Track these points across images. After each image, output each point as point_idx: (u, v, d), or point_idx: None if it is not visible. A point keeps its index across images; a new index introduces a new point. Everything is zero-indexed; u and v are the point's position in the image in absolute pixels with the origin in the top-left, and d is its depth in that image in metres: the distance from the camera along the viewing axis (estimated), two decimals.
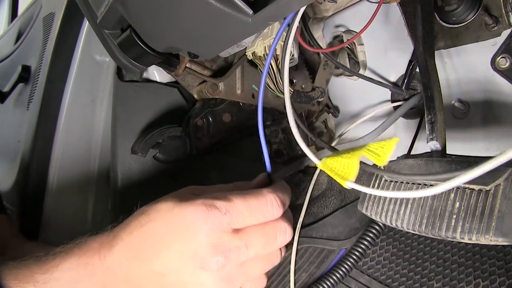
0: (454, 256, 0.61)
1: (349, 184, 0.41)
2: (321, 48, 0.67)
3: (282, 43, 0.65)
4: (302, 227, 0.71)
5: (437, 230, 0.39)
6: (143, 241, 0.45)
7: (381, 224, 0.59)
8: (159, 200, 0.48)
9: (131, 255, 0.45)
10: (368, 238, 0.66)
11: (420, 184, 0.42)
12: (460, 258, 0.60)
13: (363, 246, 0.66)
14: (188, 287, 0.45)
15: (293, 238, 0.66)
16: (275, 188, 0.51)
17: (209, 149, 0.76)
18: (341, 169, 0.42)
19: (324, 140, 0.50)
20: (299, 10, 0.46)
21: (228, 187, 0.55)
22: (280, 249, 0.51)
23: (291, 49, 0.67)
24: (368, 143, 0.42)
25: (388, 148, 0.40)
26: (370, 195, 0.48)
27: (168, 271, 0.45)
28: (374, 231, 0.63)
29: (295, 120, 0.48)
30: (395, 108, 0.69)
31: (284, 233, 0.49)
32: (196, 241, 0.44)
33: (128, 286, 0.46)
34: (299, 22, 0.49)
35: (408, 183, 0.43)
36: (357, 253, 0.65)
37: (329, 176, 0.44)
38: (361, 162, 0.42)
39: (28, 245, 0.70)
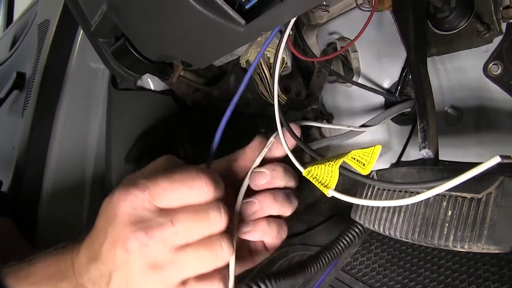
0: (448, 262, 0.61)
1: (330, 192, 0.41)
2: (315, 56, 0.67)
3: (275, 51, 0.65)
4: (296, 234, 0.71)
5: (429, 239, 0.39)
6: (95, 240, 0.45)
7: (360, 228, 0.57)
8: None
9: (90, 256, 0.45)
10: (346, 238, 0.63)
11: (413, 192, 0.42)
12: (454, 264, 0.60)
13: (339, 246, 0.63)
14: (124, 279, 0.43)
15: None
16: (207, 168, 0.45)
17: (203, 157, 0.76)
18: (324, 177, 0.42)
19: (312, 148, 0.49)
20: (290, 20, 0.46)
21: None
22: (223, 238, 0.44)
23: (285, 57, 0.67)
24: (351, 150, 0.41)
25: (372, 156, 0.40)
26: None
27: (112, 266, 0.43)
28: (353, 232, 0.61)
29: (282, 126, 0.47)
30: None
31: (217, 210, 0.43)
32: (120, 224, 0.42)
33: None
34: (292, 30, 0.49)
35: (401, 191, 0.43)
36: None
37: None
38: (355, 173, 0.42)
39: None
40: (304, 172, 0.44)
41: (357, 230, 0.55)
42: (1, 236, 0.77)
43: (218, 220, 0.43)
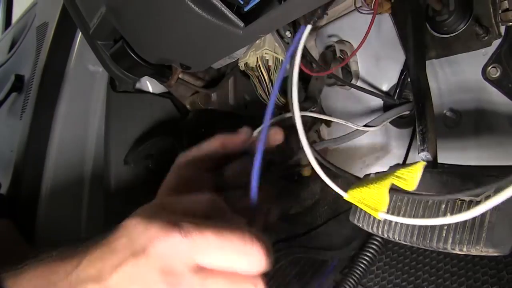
0: (446, 265, 0.61)
1: (381, 215, 0.40)
2: (323, 70, 0.66)
3: (274, 54, 0.65)
4: (296, 236, 0.71)
5: (428, 241, 0.39)
6: (105, 259, 0.40)
7: (380, 240, 0.57)
8: (131, 215, 0.42)
9: (92, 273, 0.41)
10: (369, 254, 0.64)
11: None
12: (452, 267, 0.60)
13: (362, 265, 0.64)
14: None
15: None
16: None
17: None
18: (371, 200, 0.41)
19: (347, 171, 0.48)
20: (303, 32, 0.44)
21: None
22: None
23: (283, 60, 0.67)
24: (396, 170, 0.41)
25: (415, 172, 0.39)
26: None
27: None
28: (374, 246, 0.62)
29: (310, 147, 0.45)
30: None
31: None
32: (147, 265, 0.38)
33: None
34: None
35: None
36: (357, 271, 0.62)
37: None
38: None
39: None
40: (347, 197, 0.43)
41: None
42: (1, 237, 0.77)
43: None
